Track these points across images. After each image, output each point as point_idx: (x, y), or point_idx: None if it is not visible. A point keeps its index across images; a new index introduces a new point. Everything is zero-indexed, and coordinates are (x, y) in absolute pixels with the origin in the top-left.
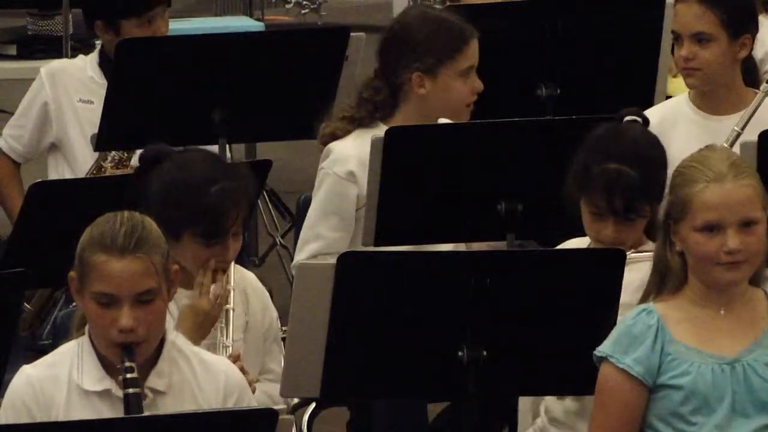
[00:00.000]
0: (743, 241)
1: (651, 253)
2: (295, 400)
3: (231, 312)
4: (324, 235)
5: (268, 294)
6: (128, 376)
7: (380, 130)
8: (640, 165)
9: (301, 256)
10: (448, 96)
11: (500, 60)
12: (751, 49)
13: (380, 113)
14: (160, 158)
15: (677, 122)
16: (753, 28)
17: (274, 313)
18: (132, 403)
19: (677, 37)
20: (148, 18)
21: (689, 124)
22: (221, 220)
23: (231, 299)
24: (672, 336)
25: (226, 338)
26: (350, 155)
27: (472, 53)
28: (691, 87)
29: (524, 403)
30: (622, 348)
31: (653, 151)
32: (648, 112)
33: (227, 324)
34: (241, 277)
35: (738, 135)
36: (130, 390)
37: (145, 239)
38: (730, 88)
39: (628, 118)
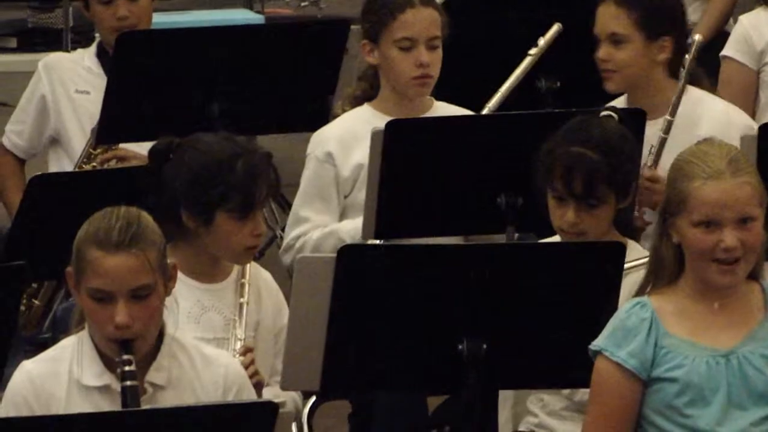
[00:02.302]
0: (740, 238)
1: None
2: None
3: (245, 306)
4: (309, 218)
5: (281, 294)
6: (126, 368)
7: (363, 109)
8: (605, 151)
9: (286, 240)
10: (389, 67)
11: (500, 52)
12: (673, 52)
13: (365, 97)
14: (173, 150)
15: None
16: (675, 30)
17: (287, 316)
18: (129, 396)
19: (597, 40)
20: None
21: None
22: (253, 192)
23: (246, 293)
24: (666, 329)
25: (240, 332)
26: (329, 137)
27: (409, 23)
28: (610, 90)
29: (504, 406)
30: (616, 341)
31: (622, 142)
32: None
33: (240, 317)
34: (256, 274)
35: (664, 140)
36: (128, 383)
37: (141, 235)
38: (656, 91)
39: (603, 113)
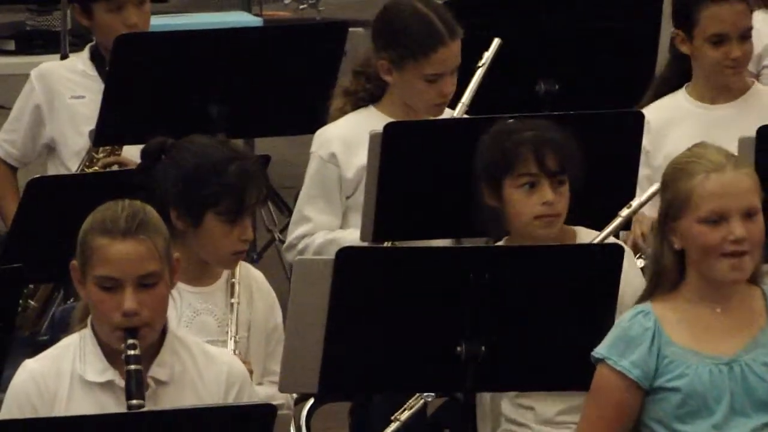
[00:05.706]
0: (747, 229)
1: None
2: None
3: (236, 305)
4: (311, 218)
5: (274, 295)
6: (131, 353)
7: (369, 112)
8: (556, 130)
9: (290, 238)
10: (410, 93)
11: (499, 55)
12: None
13: (368, 97)
14: (165, 150)
15: (676, 117)
16: None
17: (280, 316)
18: (134, 380)
19: (721, 39)
20: (117, 4)
21: (689, 118)
22: (244, 196)
23: (236, 292)
24: (669, 338)
25: (233, 330)
26: (334, 137)
27: (440, 61)
28: (736, 86)
29: (483, 406)
30: (619, 350)
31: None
32: (645, 110)
33: (232, 316)
34: (246, 274)
35: None
36: (132, 367)
37: (147, 223)
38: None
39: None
